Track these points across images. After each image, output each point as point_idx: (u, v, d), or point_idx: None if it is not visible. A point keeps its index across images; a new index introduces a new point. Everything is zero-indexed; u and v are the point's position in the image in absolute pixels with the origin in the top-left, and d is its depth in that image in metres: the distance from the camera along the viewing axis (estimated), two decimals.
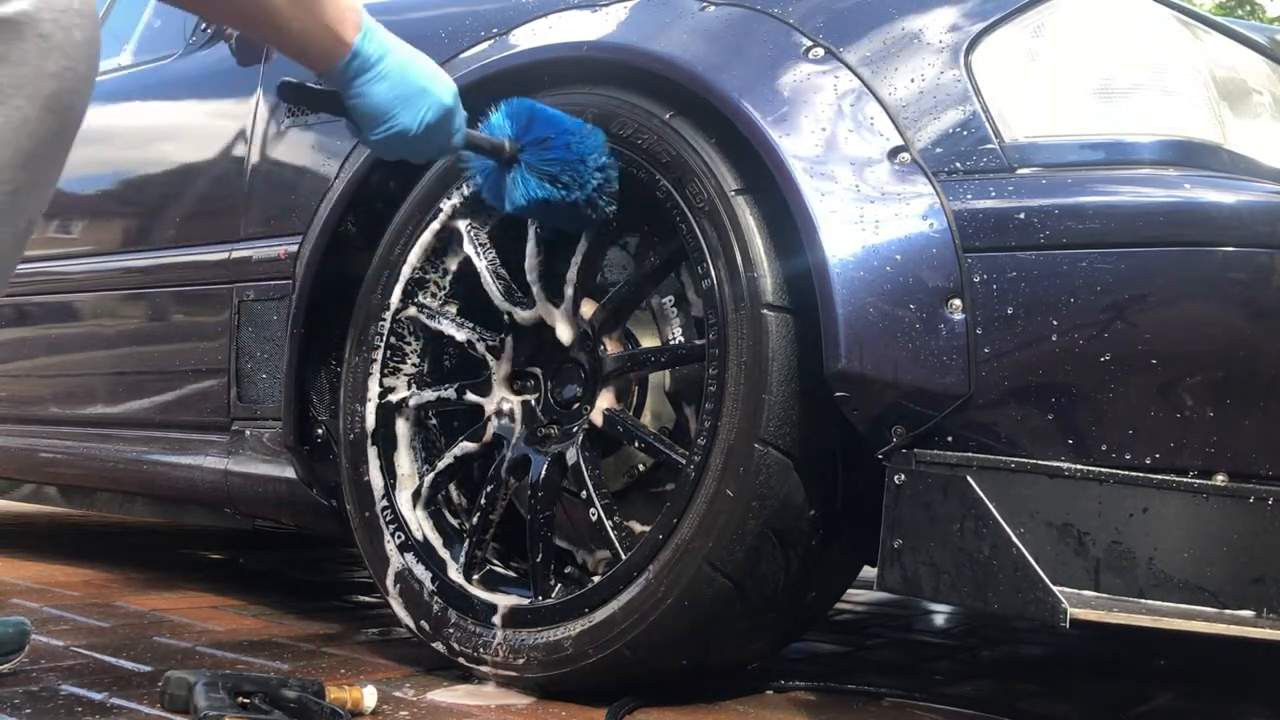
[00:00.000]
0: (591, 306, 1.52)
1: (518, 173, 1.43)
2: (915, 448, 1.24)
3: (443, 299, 1.67)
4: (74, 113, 1.00)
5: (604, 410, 1.48)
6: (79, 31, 0.97)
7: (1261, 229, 1.16)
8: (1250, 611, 1.16)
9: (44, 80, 0.95)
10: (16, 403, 2.42)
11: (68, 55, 0.96)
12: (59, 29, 0.95)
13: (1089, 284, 1.17)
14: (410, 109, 1.30)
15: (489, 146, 1.44)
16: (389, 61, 1.28)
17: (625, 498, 1.55)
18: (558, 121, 1.44)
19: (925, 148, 1.28)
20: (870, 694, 1.54)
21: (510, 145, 1.43)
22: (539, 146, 1.43)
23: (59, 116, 0.98)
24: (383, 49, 1.28)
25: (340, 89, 1.29)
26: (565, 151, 1.42)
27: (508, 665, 1.45)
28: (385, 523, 1.62)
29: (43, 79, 0.95)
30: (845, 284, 1.25)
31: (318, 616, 2.01)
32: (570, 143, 1.43)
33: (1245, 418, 1.16)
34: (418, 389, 1.67)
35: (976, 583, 1.19)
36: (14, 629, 1.46)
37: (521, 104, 1.46)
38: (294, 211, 1.86)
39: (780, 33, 1.40)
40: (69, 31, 0.96)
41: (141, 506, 2.37)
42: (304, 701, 1.26)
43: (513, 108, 1.45)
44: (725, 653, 1.45)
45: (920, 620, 2.36)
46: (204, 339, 2.01)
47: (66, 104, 0.98)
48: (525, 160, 1.43)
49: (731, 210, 1.36)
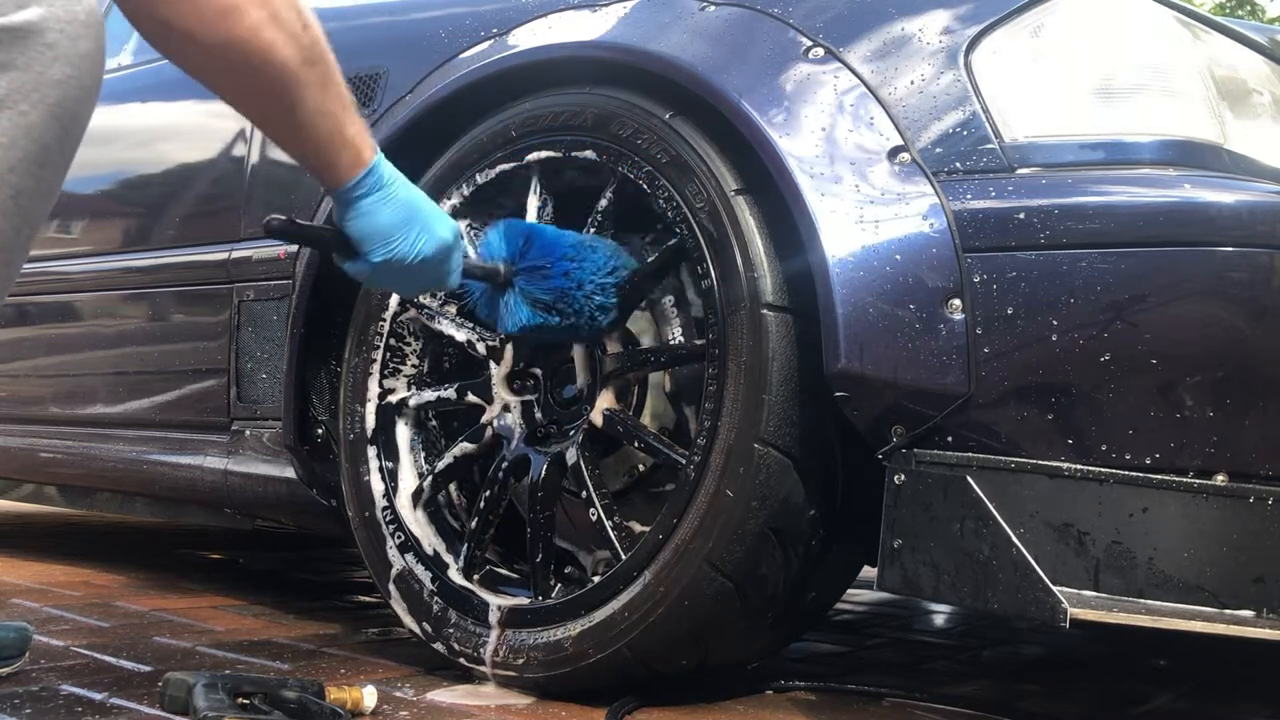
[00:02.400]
0: None
1: (512, 297, 1.41)
2: (915, 448, 1.24)
3: (442, 299, 1.67)
4: (78, 121, 1.01)
5: (604, 410, 1.48)
6: (85, 42, 0.99)
7: (1261, 229, 1.16)
8: (1250, 611, 1.16)
9: (49, 88, 0.97)
10: (16, 403, 2.42)
11: (73, 64, 0.98)
12: (65, 38, 0.97)
13: (1089, 284, 1.17)
14: (411, 236, 1.27)
15: (482, 274, 1.41)
16: (399, 187, 1.27)
17: (625, 498, 1.55)
18: (556, 246, 1.41)
19: (925, 148, 1.28)
20: (870, 694, 1.54)
21: (505, 269, 1.41)
22: (535, 274, 1.40)
23: (63, 124, 0.99)
24: (394, 175, 1.27)
25: (340, 207, 1.26)
26: (563, 280, 1.40)
27: (508, 665, 1.45)
28: (385, 523, 1.62)
29: (48, 86, 0.97)
30: (845, 284, 1.25)
31: (318, 616, 2.01)
32: (568, 270, 1.40)
33: (1245, 418, 1.16)
34: (418, 389, 1.67)
35: (976, 583, 1.19)
36: (15, 633, 1.47)
37: (519, 226, 1.44)
38: (294, 211, 1.86)
39: (780, 33, 1.39)
40: (75, 42, 0.98)
41: (141, 506, 2.37)
42: (304, 702, 1.26)
43: (510, 230, 1.43)
44: (725, 653, 1.45)
45: (920, 620, 2.36)
46: (204, 339, 2.01)
47: (71, 112, 1.00)
48: (520, 286, 1.41)
49: (731, 210, 1.36)
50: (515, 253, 1.42)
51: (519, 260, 1.41)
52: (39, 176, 0.99)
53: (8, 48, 0.94)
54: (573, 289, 1.40)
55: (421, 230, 1.27)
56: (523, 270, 1.41)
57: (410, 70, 1.75)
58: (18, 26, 0.95)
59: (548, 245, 1.42)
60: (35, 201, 1.01)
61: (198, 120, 2.20)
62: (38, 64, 0.96)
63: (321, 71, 1.15)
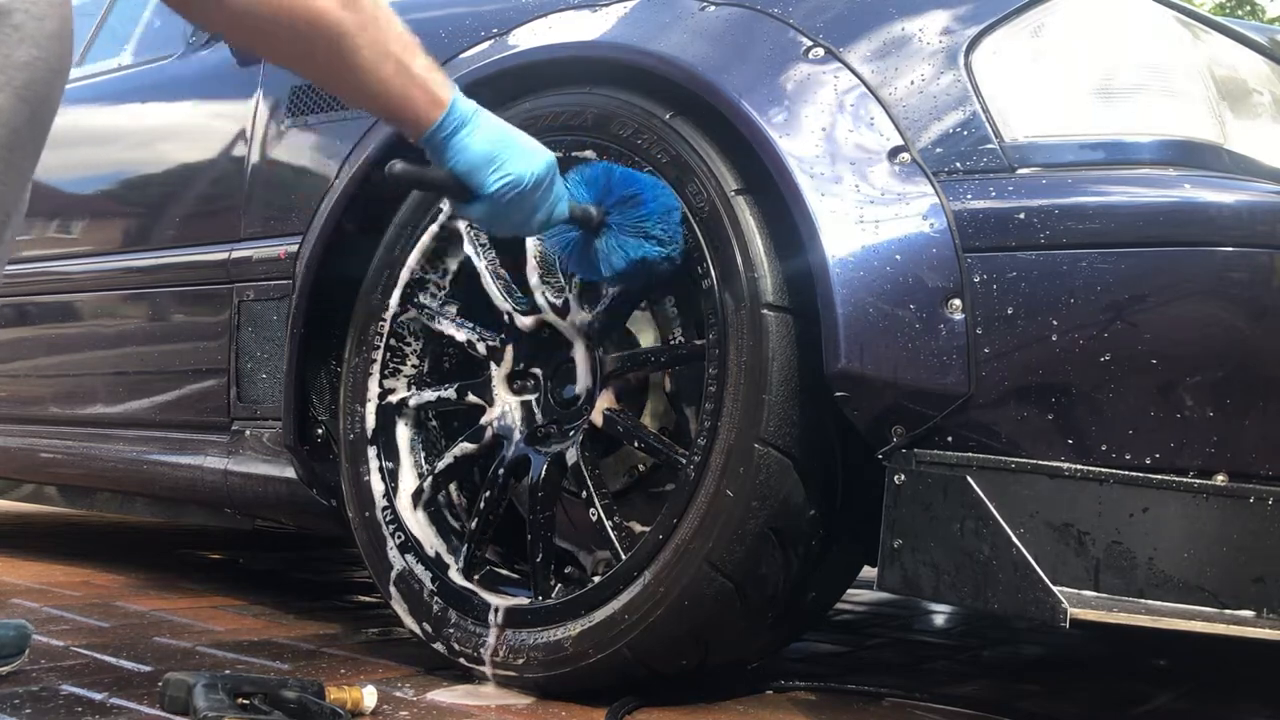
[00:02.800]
0: (592, 307, 1.52)
1: (611, 237, 1.37)
2: (915, 448, 1.24)
3: (443, 299, 1.67)
4: (48, 103, 1.01)
5: (604, 410, 1.48)
6: (51, 23, 0.98)
7: (1261, 229, 1.16)
8: (1250, 611, 1.16)
9: (15, 70, 0.96)
10: (16, 403, 2.42)
11: (39, 45, 0.97)
12: (31, 19, 0.97)
13: (1089, 284, 1.17)
14: (518, 159, 1.26)
15: (582, 215, 1.37)
16: (485, 117, 1.26)
17: (625, 498, 1.55)
18: (637, 178, 1.39)
19: (925, 148, 1.28)
20: (870, 694, 1.54)
21: (598, 210, 1.38)
22: (627, 205, 1.37)
23: (31, 106, 0.98)
24: (476, 108, 1.26)
25: (435, 152, 1.25)
26: (655, 204, 1.37)
27: (508, 665, 1.45)
28: (385, 523, 1.62)
29: (14, 69, 0.96)
30: (845, 284, 1.25)
31: (318, 616, 2.01)
32: (658, 194, 1.37)
33: (1245, 418, 1.16)
34: (418, 389, 1.67)
35: (976, 583, 1.19)
36: (15, 632, 1.46)
37: (596, 168, 1.41)
38: (294, 211, 1.86)
39: (780, 33, 1.39)
40: (41, 22, 0.97)
41: (141, 506, 2.37)
42: (304, 702, 1.26)
43: (589, 172, 1.40)
44: (725, 653, 1.45)
45: (920, 620, 2.36)
46: (204, 339, 2.01)
47: (39, 94, 0.99)
48: (615, 223, 1.37)
49: (731, 210, 1.36)
50: (600, 192, 1.39)
51: (606, 198, 1.38)
52: (9, 161, 0.99)
53: None
54: (664, 213, 1.37)
55: (524, 150, 1.27)
56: (614, 206, 1.38)
57: None
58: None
59: (629, 178, 1.39)
60: (7, 184, 1.00)
61: (198, 120, 2.20)
62: (3, 46, 0.95)
63: (363, 14, 1.14)
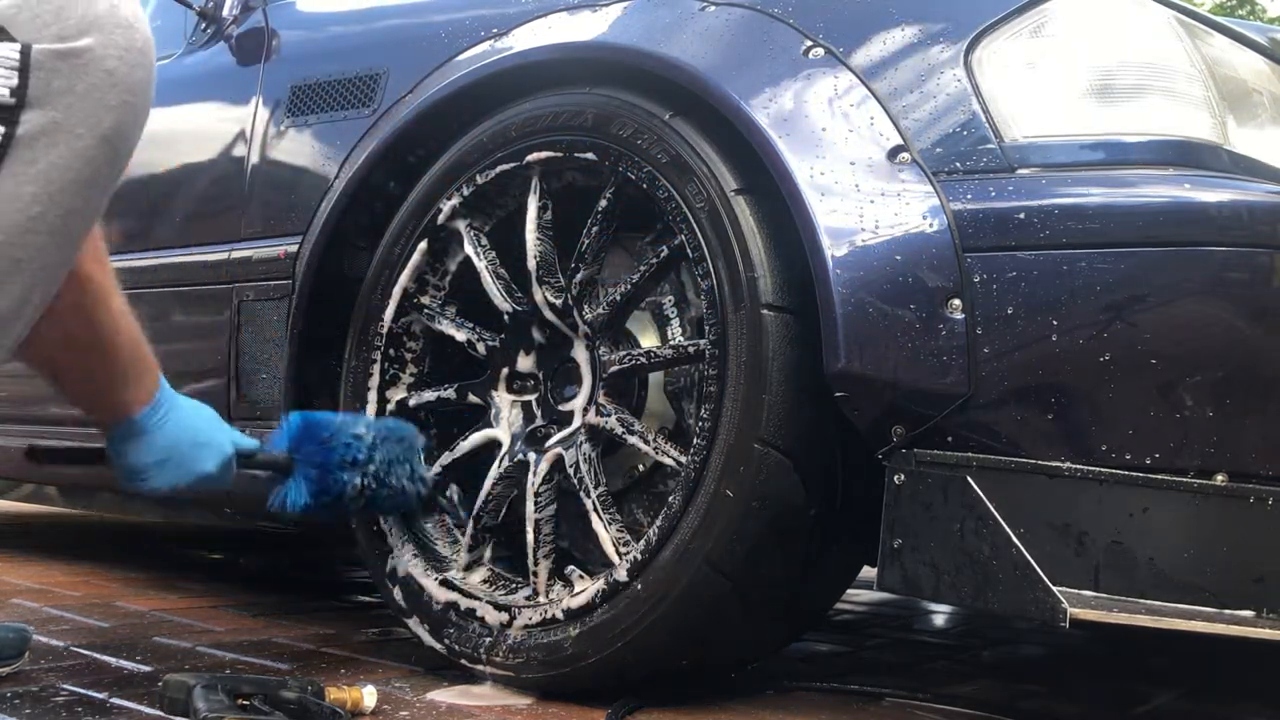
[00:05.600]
0: (592, 307, 1.52)
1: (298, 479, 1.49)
2: (915, 448, 1.24)
3: (443, 299, 1.67)
4: (128, 145, 1.04)
5: (604, 410, 1.47)
6: (140, 71, 1.02)
7: (1261, 229, 1.16)
8: (1250, 611, 1.15)
9: (105, 113, 1.00)
10: (16, 403, 2.42)
11: (130, 91, 1.01)
12: (124, 66, 1.00)
13: (1089, 284, 1.17)
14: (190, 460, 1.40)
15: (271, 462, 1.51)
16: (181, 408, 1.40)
17: (625, 498, 1.55)
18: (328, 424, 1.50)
19: (925, 148, 1.28)
20: (870, 694, 1.54)
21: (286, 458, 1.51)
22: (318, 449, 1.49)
23: (114, 147, 1.02)
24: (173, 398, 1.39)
25: (126, 438, 1.35)
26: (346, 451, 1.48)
27: (507, 665, 1.45)
28: (385, 523, 1.62)
29: (104, 111, 1.00)
30: (845, 284, 1.25)
31: (318, 616, 2.01)
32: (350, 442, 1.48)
33: (1245, 418, 1.16)
34: (418, 389, 1.67)
35: (976, 583, 1.19)
36: (15, 634, 1.47)
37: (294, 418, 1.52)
38: (294, 211, 1.86)
39: (780, 33, 1.39)
40: (133, 70, 1.01)
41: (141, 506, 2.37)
42: (304, 702, 1.26)
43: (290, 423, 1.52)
44: (725, 653, 1.45)
45: (920, 620, 2.36)
46: (204, 339, 2.00)
47: (123, 136, 1.03)
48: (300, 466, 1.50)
49: (731, 210, 1.36)
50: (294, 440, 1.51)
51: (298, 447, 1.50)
52: (87, 197, 1.02)
53: (67, 75, 0.97)
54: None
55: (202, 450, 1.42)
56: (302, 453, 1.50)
57: (411, 70, 1.75)
58: (79, 51, 0.97)
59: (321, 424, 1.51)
60: (82, 220, 1.04)
61: (198, 120, 2.20)
62: (97, 91, 0.99)
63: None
